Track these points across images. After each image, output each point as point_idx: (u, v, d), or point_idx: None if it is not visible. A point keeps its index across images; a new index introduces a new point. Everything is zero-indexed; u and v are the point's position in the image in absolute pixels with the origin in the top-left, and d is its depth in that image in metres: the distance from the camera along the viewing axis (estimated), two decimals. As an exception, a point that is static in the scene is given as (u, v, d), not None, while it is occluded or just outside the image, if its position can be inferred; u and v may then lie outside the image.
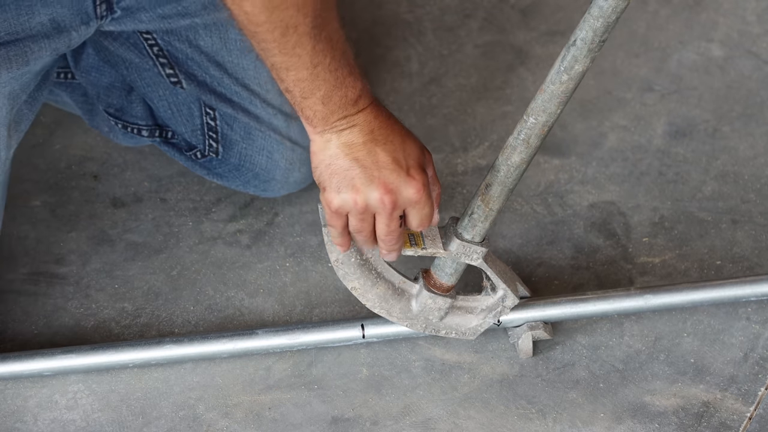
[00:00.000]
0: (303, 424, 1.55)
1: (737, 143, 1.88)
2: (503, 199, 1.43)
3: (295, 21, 1.26)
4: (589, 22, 1.26)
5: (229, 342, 1.60)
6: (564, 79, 1.31)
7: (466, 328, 1.57)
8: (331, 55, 1.30)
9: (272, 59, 1.30)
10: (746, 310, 1.66)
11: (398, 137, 1.36)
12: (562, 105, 1.34)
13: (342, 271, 1.53)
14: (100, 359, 1.59)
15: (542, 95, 1.33)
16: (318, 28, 1.27)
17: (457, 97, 1.97)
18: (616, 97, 1.96)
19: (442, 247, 1.49)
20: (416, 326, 1.56)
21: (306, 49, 1.28)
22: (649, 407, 1.56)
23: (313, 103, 1.32)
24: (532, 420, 1.55)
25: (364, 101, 1.34)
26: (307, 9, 1.26)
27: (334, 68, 1.30)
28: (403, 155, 1.36)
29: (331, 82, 1.31)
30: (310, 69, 1.30)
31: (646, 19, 2.07)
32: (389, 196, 1.36)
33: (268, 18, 1.25)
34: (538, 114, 1.35)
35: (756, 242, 1.74)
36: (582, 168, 1.85)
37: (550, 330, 1.60)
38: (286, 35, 1.27)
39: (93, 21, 1.54)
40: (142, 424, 1.56)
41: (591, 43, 1.28)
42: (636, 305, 1.61)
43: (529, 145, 1.38)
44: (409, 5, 2.12)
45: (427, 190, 1.37)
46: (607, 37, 1.28)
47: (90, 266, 1.73)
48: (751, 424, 1.55)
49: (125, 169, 1.85)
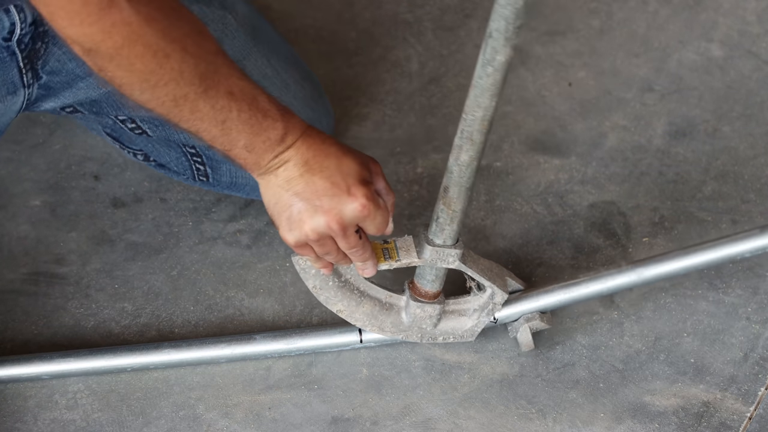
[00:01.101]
0: (303, 424, 1.55)
1: (737, 143, 1.88)
2: (464, 199, 1.43)
3: (182, 91, 1.28)
4: (498, 12, 1.24)
5: (227, 347, 1.60)
6: (489, 72, 1.30)
7: (462, 331, 1.57)
8: (236, 107, 1.31)
9: (181, 126, 1.32)
10: (746, 310, 1.66)
11: (333, 160, 1.38)
12: (494, 97, 1.33)
13: (323, 296, 1.54)
14: (98, 363, 1.59)
15: (473, 91, 1.32)
16: (212, 88, 1.29)
17: (457, 97, 1.97)
18: (616, 97, 1.96)
19: (416, 256, 1.49)
20: (412, 337, 1.57)
21: (205, 111, 1.30)
22: (649, 407, 1.56)
23: (238, 153, 1.35)
24: (532, 420, 1.55)
25: (292, 136, 1.36)
26: (189, 76, 1.27)
27: (245, 118, 1.32)
28: (341, 176, 1.38)
29: (247, 131, 1.33)
30: (219, 126, 1.32)
31: (646, 19, 2.07)
32: (334, 220, 1.38)
33: (152, 96, 1.27)
34: (474, 110, 1.34)
35: (756, 242, 1.74)
36: (582, 168, 1.85)
37: (548, 318, 1.59)
38: (179, 106, 1.29)
39: (20, 90, 1.48)
40: (142, 424, 1.56)
41: (506, 32, 1.26)
42: (630, 280, 1.57)
43: (473, 142, 1.37)
44: (409, 5, 2.11)
45: (372, 201, 1.39)
46: (522, 22, 1.25)
47: (90, 266, 1.73)
48: (751, 424, 1.55)
49: (125, 169, 1.85)
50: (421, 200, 1.81)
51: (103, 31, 1.21)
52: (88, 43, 1.22)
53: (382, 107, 1.95)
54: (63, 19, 1.20)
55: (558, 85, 1.98)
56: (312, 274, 1.53)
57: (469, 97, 1.33)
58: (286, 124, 1.36)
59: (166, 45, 1.25)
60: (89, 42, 1.22)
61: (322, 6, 2.12)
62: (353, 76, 2.01)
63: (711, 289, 1.69)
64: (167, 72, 1.26)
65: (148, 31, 1.23)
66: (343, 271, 1.54)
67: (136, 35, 1.22)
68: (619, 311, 1.67)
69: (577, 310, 1.67)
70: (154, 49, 1.24)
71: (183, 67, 1.26)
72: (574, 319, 1.66)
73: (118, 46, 1.22)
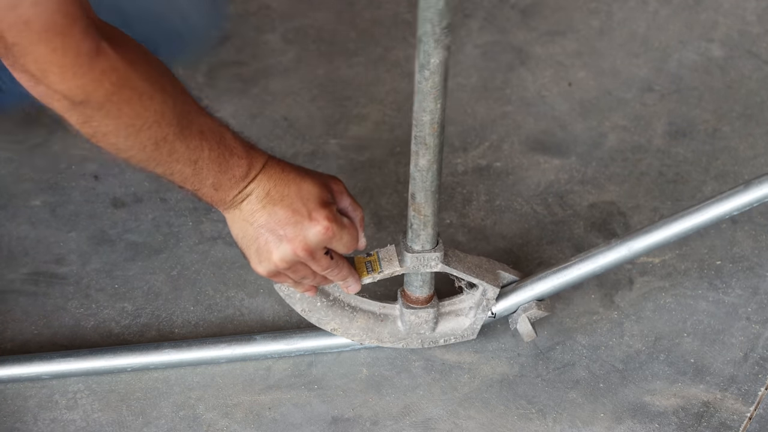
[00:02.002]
0: (303, 424, 1.55)
1: (737, 143, 1.88)
2: (432, 203, 1.43)
3: (163, 133, 1.30)
4: (422, 16, 1.24)
5: (227, 347, 1.60)
6: (427, 75, 1.30)
7: (462, 330, 1.57)
8: (207, 146, 1.34)
9: (155, 171, 1.34)
10: (746, 310, 1.66)
11: (293, 188, 1.40)
12: (438, 100, 1.32)
13: (314, 317, 1.55)
14: (98, 363, 1.59)
15: (416, 96, 1.33)
16: (186, 128, 1.32)
17: (457, 97, 1.97)
18: (616, 97, 1.96)
19: (398, 264, 1.49)
20: (412, 344, 1.57)
21: (181, 152, 1.33)
22: (649, 407, 1.56)
23: (206, 192, 1.38)
24: (532, 420, 1.55)
25: (255, 170, 1.39)
26: (169, 117, 1.30)
27: (215, 157, 1.35)
28: (302, 202, 1.40)
29: (216, 170, 1.36)
30: (192, 166, 1.35)
31: (646, 19, 2.07)
32: (300, 247, 1.41)
33: (135, 141, 1.29)
34: (421, 114, 1.34)
35: (756, 242, 1.74)
36: (582, 168, 1.85)
37: (546, 306, 1.58)
38: (159, 148, 1.31)
39: None
40: (142, 424, 1.56)
41: (433, 34, 1.26)
42: (621, 255, 1.54)
43: (427, 146, 1.37)
44: (409, 5, 2.12)
45: (334, 223, 1.41)
46: (449, 21, 1.25)
47: (90, 266, 1.73)
48: (751, 424, 1.55)
49: (125, 169, 1.85)
50: (421, 200, 1.81)
51: (94, 80, 1.23)
52: (80, 95, 1.24)
53: (382, 107, 1.95)
54: (55, 74, 1.22)
55: (558, 85, 1.98)
56: (298, 298, 1.54)
57: (414, 103, 1.34)
58: (250, 160, 1.39)
59: (149, 87, 1.27)
60: (81, 93, 1.23)
61: (322, 6, 2.12)
62: (353, 76, 2.01)
63: (711, 289, 1.69)
64: (151, 114, 1.28)
65: (134, 75, 1.26)
66: (330, 290, 1.55)
67: (123, 80, 1.25)
68: (619, 311, 1.67)
69: (577, 310, 1.67)
70: (140, 92, 1.26)
71: (164, 109, 1.29)
72: (574, 319, 1.66)
73: (108, 93, 1.24)
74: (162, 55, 1.35)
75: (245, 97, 1.98)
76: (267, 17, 2.11)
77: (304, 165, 1.86)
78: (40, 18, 1.18)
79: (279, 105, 1.97)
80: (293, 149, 1.89)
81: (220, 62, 2.04)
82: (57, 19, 1.19)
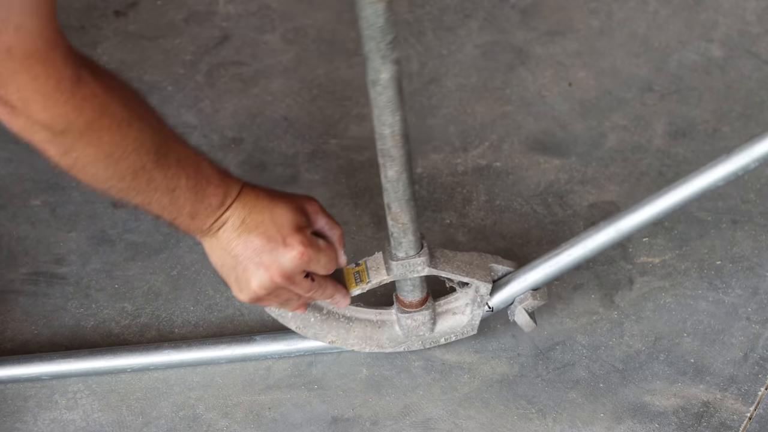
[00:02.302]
0: (303, 424, 1.55)
1: (737, 143, 1.88)
2: (409, 210, 1.43)
3: (141, 162, 1.30)
4: (365, 35, 1.26)
5: (227, 347, 1.60)
6: (379, 90, 1.31)
7: (461, 328, 1.57)
8: (185, 175, 1.34)
9: (133, 201, 1.34)
10: (746, 310, 1.66)
11: (267, 214, 1.41)
12: (395, 113, 1.33)
13: (311, 333, 1.56)
14: (98, 363, 1.59)
15: (374, 111, 1.34)
16: (164, 157, 1.32)
17: (457, 97, 1.97)
18: (616, 97, 1.96)
19: (386, 273, 1.49)
20: (413, 346, 1.58)
21: (159, 180, 1.33)
22: (649, 407, 1.56)
23: (183, 221, 1.38)
24: (532, 420, 1.55)
25: (230, 198, 1.39)
26: (148, 145, 1.30)
27: (192, 185, 1.36)
28: (276, 229, 1.40)
29: (193, 198, 1.36)
30: (169, 195, 1.35)
31: (646, 19, 2.07)
32: (276, 274, 1.41)
33: (114, 171, 1.29)
34: (381, 128, 1.35)
35: (756, 242, 1.74)
36: (582, 168, 1.85)
37: (542, 294, 1.56)
38: (138, 177, 1.31)
39: None
40: (142, 424, 1.56)
41: (378, 50, 1.27)
42: (609, 237, 1.52)
43: (393, 158, 1.38)
44: (409, 5, 2.12)
45: (309, 247, 1.41)
46: (393, 36, 1.26)
47: (90, 266, 1.73)
48: (751, 424, 1.55)
49: (125, 169, 1.85)
50: (421, 200, 1.81)
51: (75, 107, 1.23)
52: (61, 124, 1.23)
53: (382, 107, 1.95)
54: (38, 103, 1.21)
55: (558, 85, 1.98)
56: (290, 317, 1.55)
57: (373, 117, 1.35)
58: (226, 189, 1.39)
59: (128, 114, 1.27)
60: (62, 122, 1.23)
61: (322, 6, 2.12)
62: (353, 76, 2.01)
63: (711, 289, 1.69)
64: (130, 143, 1.28)
65: (113, 102, 1.26)
66: (323, 304, 1.55)
67: (103, 107, 1.25)
68: (619, 311, 1.67)
69: (577, 310, 1.67)
70: (119, 120, 1.26)
71: (142, 137, 1.29)
72: (574, 319, 1.66)
73: (89, 121, 1.24)
74: None
75: (245, 97, 1.98)
76: (267, 17, 2.11)
77: (304, 165, 1.86)
78: (23, 44, 1.17)
79: (279, 105, 1.97)
80: (293, 149, 1.89)
81: (220, 62, 2.04)
82: (39, 46, 1.18)
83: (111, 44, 2.08)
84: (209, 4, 2.15)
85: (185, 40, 2.08)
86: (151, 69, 2.03)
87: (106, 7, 2.15)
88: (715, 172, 1.48)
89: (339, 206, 1.80)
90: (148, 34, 2.10)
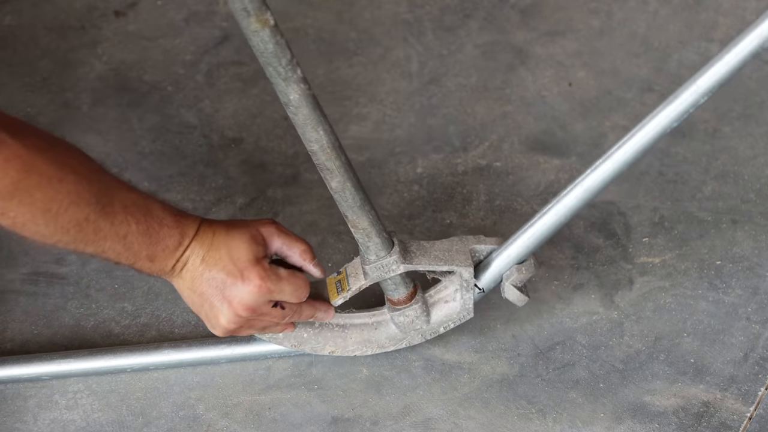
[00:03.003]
0: (303, 424, 1.55)
1: (737, 143, 1.88)
2: (364, 216, 1.44)
3: (83, 213, 1.30)
4: (262, 61, 1.27)
5: (227, 347, 1.60)
6: (293, 110, 1.33)
7: (457, 314, 1.56)
8: (134, 220, 1.35)
9: (86, 251, 1.34)
10: (746, 310, 1.66)
11: (224, 250, 1.42)
12: (317, 129, 1.34)
13: (308, 347, 1.56)
14: (98, 363, 1.59)
15: (297, 129, 1.35)
16: (108, 205, 1.32)
17: (457, 97, 1.97)
18: (616, 97, 1.96)
19: (363, 278, 1.50)
20: (414, 341, 1.58)
21: (106, 229, 1.33)
22: (649, 407, 1.56)
23: (143, 265, 1.39)
24: (532, 420, 1.55)
25: (188, 238, 1.40)
26: (86, 197, 1.30)
27: (143, 230, 1.36)
28: (233, 263, 1.42)
29: (147, 242, 1.37)
30: (121, 242, 1.35)
31: (646, 19, 2.07)
32: (240, 308, 1.43)
33: (56, 225, 1.29)
34: (310, 143, 1.37)
35: (756, 242, 1.74)
36: (582, 168, 1.85)
37: (528, 266, 1.55)
38: (83, 229, 1.31)
39: None
40: (142, 424, 1.56)
41: (278, 74, 1.29)
42: (578, 198, 1.50)
43: (332, 171, 1.39)
44: (409, 5, 2.11)
45: (267, 280, 1.42)
46: (289, 57, 1.27)
47: (90, 266, 1.73)
48: (751, 424, 1.55)
49: (125, 168, 1.85)
50: (421, 200, 1.81)
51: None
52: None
53: (382, 107, 1.95)
54: None
55: (558, 85, 1.98)
56: (282, 337, 1.55)
57: (300, 134, 1.36)
58: (182, 229, 1.40)
59: (57, 170, 1.27)
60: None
61: (322, 6, 2.12)
62: (353, 76, 2.01)
63: (711, 289, 1.69)
64: (65, 196, 1.28)
65: (39, 160, 1.26)
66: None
67: (28, 165, 1.25)
68: (619, 311, 1.67)
69: (577, 310, 1.67)
70: (48, 176, 1.26)
71: (78, 189, 1.29)
72: (574, 319, 1.66)
73: (15, 181, 1.24)
74: None
75: (245, 97, 1.98)
76: (267, 17, 2.11)
77: (304, 165, 1.86)
78: None
79: (279, 105, 1.96)
80: (293, 149, 1.89)
81: (220, 62, 2.04)
82: None
83: (111, 44, 2.08)
84: (209, 4, 2.15)
85: (185, 40, 2.08)
86: (151, 69, 2.03)
87: (106, 7, 2.15)
88: (666, 113, 1.50)
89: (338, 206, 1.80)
90: (148, 34, 2.10)
